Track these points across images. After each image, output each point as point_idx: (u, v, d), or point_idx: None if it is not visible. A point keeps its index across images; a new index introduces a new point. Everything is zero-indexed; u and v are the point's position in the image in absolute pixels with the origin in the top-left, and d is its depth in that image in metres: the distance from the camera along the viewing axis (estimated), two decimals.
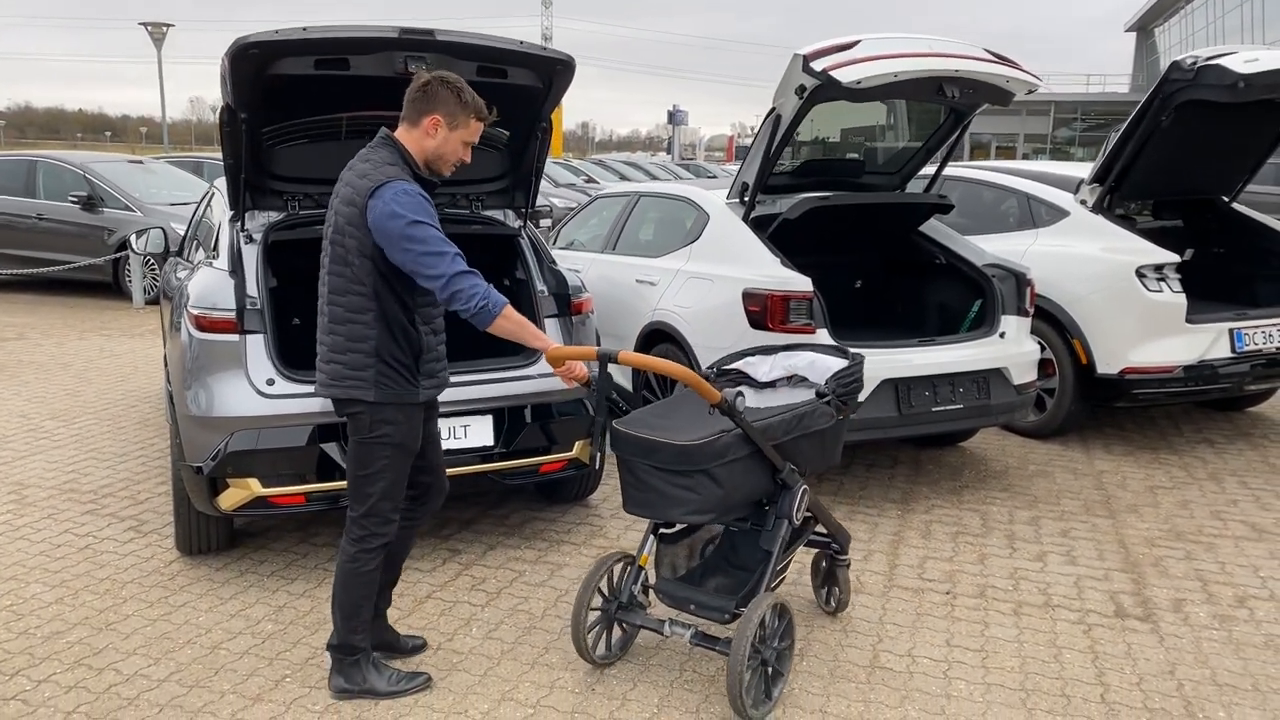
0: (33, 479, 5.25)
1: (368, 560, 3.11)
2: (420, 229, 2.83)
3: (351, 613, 3.13)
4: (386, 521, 3.12)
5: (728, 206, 5.31)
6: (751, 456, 3.15)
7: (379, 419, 3.01)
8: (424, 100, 2.98)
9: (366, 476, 3.07)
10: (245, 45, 3.54)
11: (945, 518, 4.81)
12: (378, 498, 3.08)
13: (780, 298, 4.67)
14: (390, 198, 2.83)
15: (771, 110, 4.80)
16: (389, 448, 3.05)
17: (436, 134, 2.99)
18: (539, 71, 4.08)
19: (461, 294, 2.85)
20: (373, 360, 2.97)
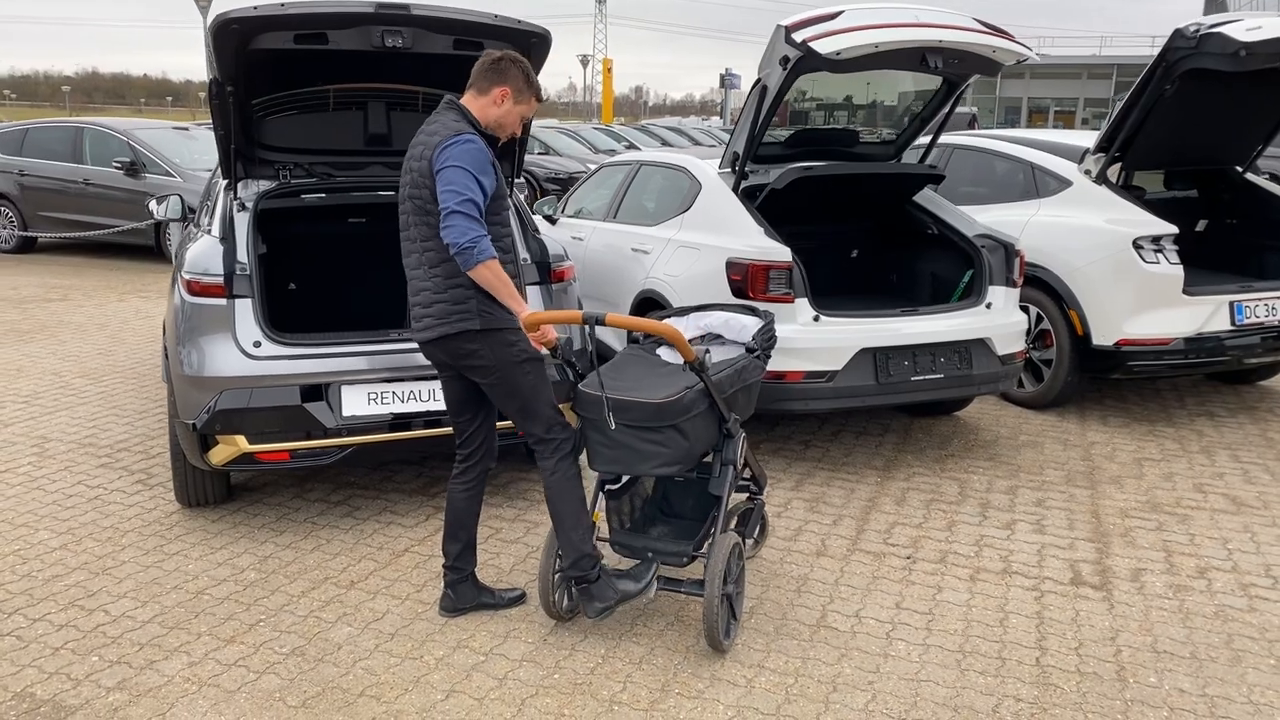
0: (56, 433, 5.55)
1: (568, 467, 3.30)
2: (461, 173, 3.06)
3: (574, 522, 3.28)
4: (564, 428, 3.33)
5: (720, 176, 5.38)
6: (709, 410, 3.28)
7: (498, 343, 3.19)
8: (496, 73, 3.22)
9: (524, 402, 3.26)
10: (226, 20, 3.69)
11: (924, 485, 4.88)
12: (547, 417, 3.29)
13: (760, 267, 4.74)
14: (456, 146, 3.09)
15: (758, 81, 4.85)
16: (526, 363, 3.24)
17: (503, 104, 3.24)
18: (515, 45, 4.17)
19: (455, 229, 3.03)
20: (472, 292, 3.17)
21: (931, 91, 5.44)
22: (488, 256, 3.08)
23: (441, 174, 3.08)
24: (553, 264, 4.54)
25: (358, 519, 4.40)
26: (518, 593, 3.64)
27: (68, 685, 3.10)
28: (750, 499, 3.99)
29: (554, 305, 4.53)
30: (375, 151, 4.65)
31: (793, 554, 4.10)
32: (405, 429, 4.16)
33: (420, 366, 4.14)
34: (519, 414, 3.32)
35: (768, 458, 5.25)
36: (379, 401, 4.13)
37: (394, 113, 4.56)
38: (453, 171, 3.07)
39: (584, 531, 3.31)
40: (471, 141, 3.12)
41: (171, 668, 3.20)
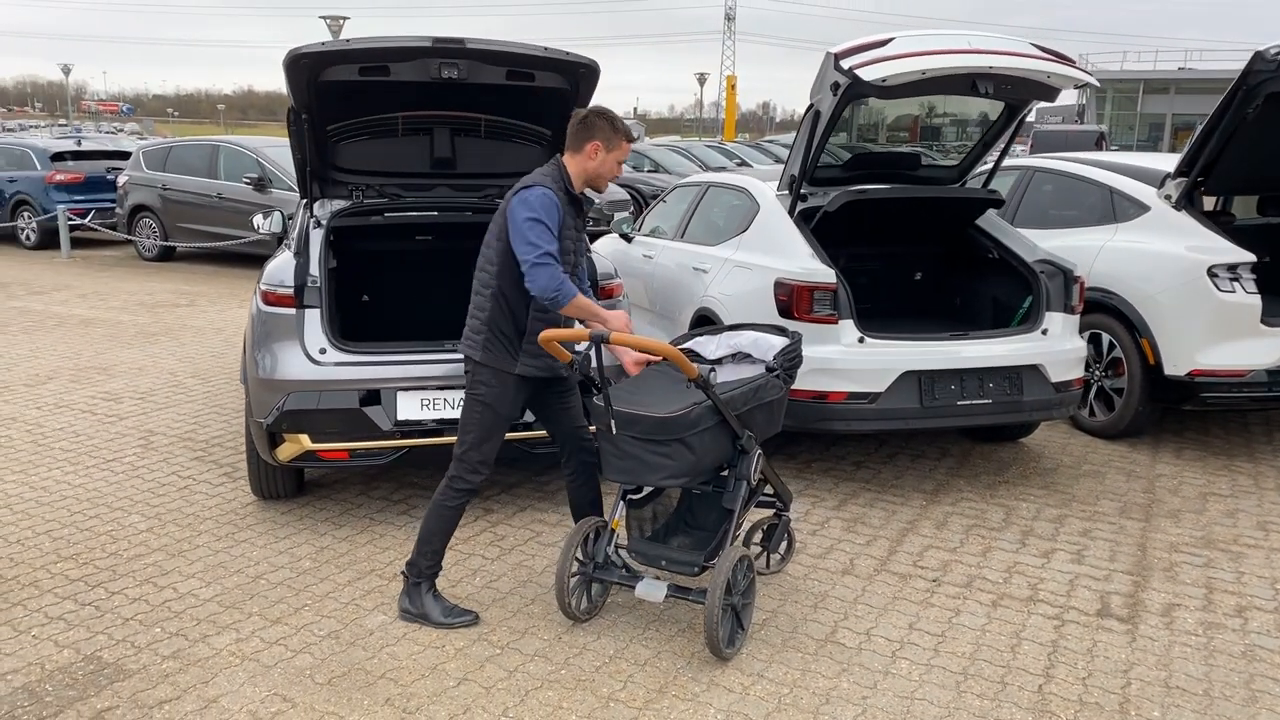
0: (162, 427, 6.08)
1: (452, 496, 3.63)
2: (536, 226, 3.36)
3: (425, 537, 3.65)
4: (473, 471, 3.62)
5: (778, 198, 5.49)
6: (718, 426, 3.43)
7: (477, 379, 3.56)
8: (585, 130, 3.51)
9: (464, 425, 3.62)
10: (297, 55, 4.06)
11: (969, 510, 4.87)
12: (467, 447, 3.59)
13: (805, 288, 4.84)
14: (528, 197, 3.40)
15: (810, 106, 4.96)
16: (480, 404, 3.58)
17: (597, 156, 3.52)
18: (565, 75, 4.42)
19: (537, 282, 3.36)
20: (484, 327, 3.53)
21: (997, 114, 5.42)
22: (572, 296, 3.40)
23: (516, 227, 3.38)
24: (600, 281, 4.75)
25: (412, 517, 4.69)
26: (470, 617, 3.74)
27: (130, 651, 3.46)
28: (776, 515, 4.10)
29: None
30: (441, 174, 4.97)
31: (818, 571, 4.17)
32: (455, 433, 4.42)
33: None
34: (459, 430, 3.64)
35: (817, 476, 5.32)
36: (431, 407, 4.41)
37: (458, 138, 4.87)
38: (526, 225, 3.37)
39: (430, 551, 3.65)
40: (543, 196, 3.39)
41: (221, 642, 3.53)
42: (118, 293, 11.30)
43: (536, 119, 4.82)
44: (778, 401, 3.74)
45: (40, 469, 5.31)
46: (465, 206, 5.03)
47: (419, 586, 3.70)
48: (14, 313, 9.94)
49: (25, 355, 8.03)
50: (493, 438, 3.63)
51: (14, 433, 5.95)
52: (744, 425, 3.53)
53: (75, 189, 15.00)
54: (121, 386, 7.00)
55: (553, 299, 3.38)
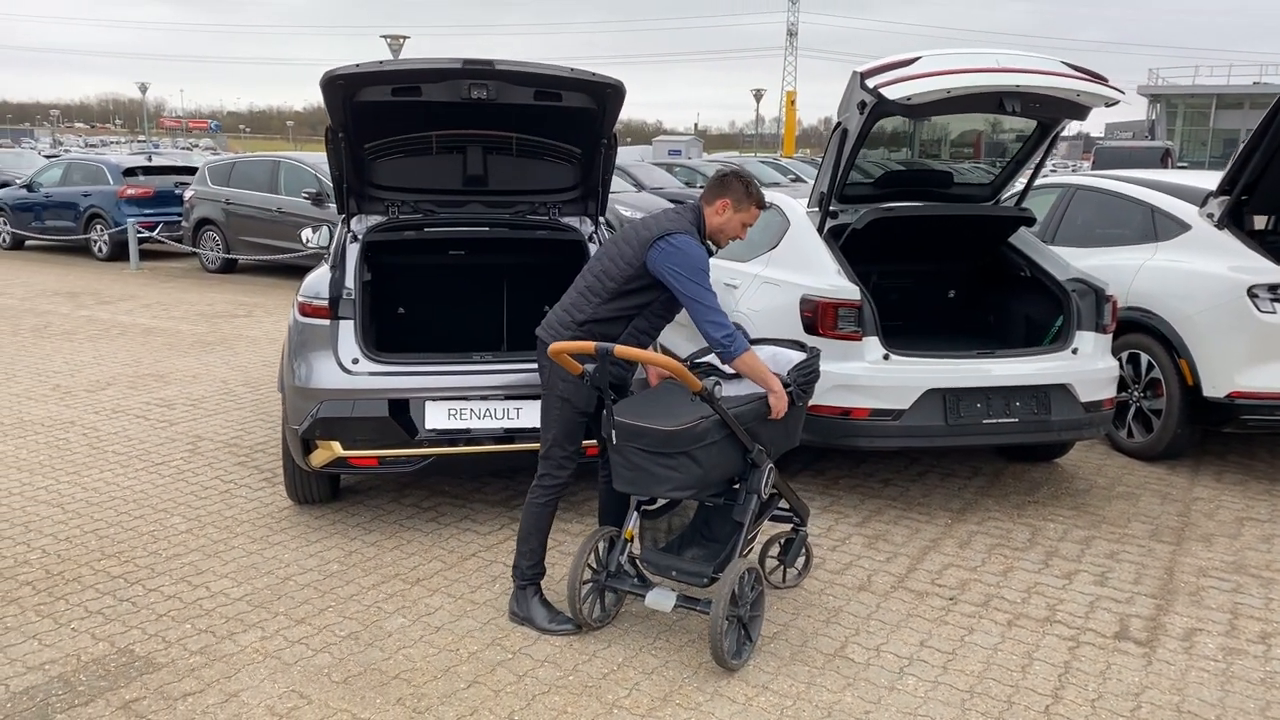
0: (210, 433, 6.31)
1: (541, 494, 3.75)
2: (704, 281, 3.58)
3: (522, 538, 3.79)
4: (560, 467, 3.74)
5: (808, 215, 5.53)
6: (726, 439, 3.48)
7: (555, 375, 3.67)
8: (720, 188, 3.73)
9: (545, 423, 3.75)
10: (332, 76, 4.22)
11: (994, 530, 4.84)
12: (550, 444, 3.73)
13: (829, 304, 4.86)
14: (688, 245, 3.57)
15: (838, 124, 4.99)
16: (559, 400, 3.70)
17: (724, 214, 3.72)
18: (592, 95, 4.53)
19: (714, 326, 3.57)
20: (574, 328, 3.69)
21: (1030, 132, 5.40)
22: (744, 348, 3.58)
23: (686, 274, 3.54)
24: None
25: (440, 524, 4.81)
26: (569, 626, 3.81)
27: (160, 646, 3.62)
28: (793, 529, 4.13)
29: None
30: (473, 191, 5.10)
31: (835, 586, 4.19)
32: (480, 443, 4.54)
33: (496, 387, 4.53)
34: (542, 428, 3.79)
35: (843, 493, 5.32)
36: (458, 417, 4.53)
37: (490, 156, 5.00)
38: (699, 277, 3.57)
39: (531, 550, 3.77)
40: (688, 244, 3.56)
41: (246, 639, 3.67)
42: (180, 303, 11.70)
43: (566, 137, 4.93)
44: (792, 415, 3.78)
45: (93, 471, 5.55)
46: (497, 222, 5.16)
47: (525, 590, 3.82)
48: (82, 321, 10.37)
49: (89, 362, 8.38)
50: (575, 433, 3.74)
51: (72, 436, 6.22)
52: (755, 439, 3.58)
53: (145, 203, 15.57)
54: (175, 393, 7.27)
55: (724, 349, 3.56)
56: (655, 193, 18.28)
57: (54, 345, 9.08)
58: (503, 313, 5.81)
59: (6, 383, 7.60)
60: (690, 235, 3.60)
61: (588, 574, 3.74)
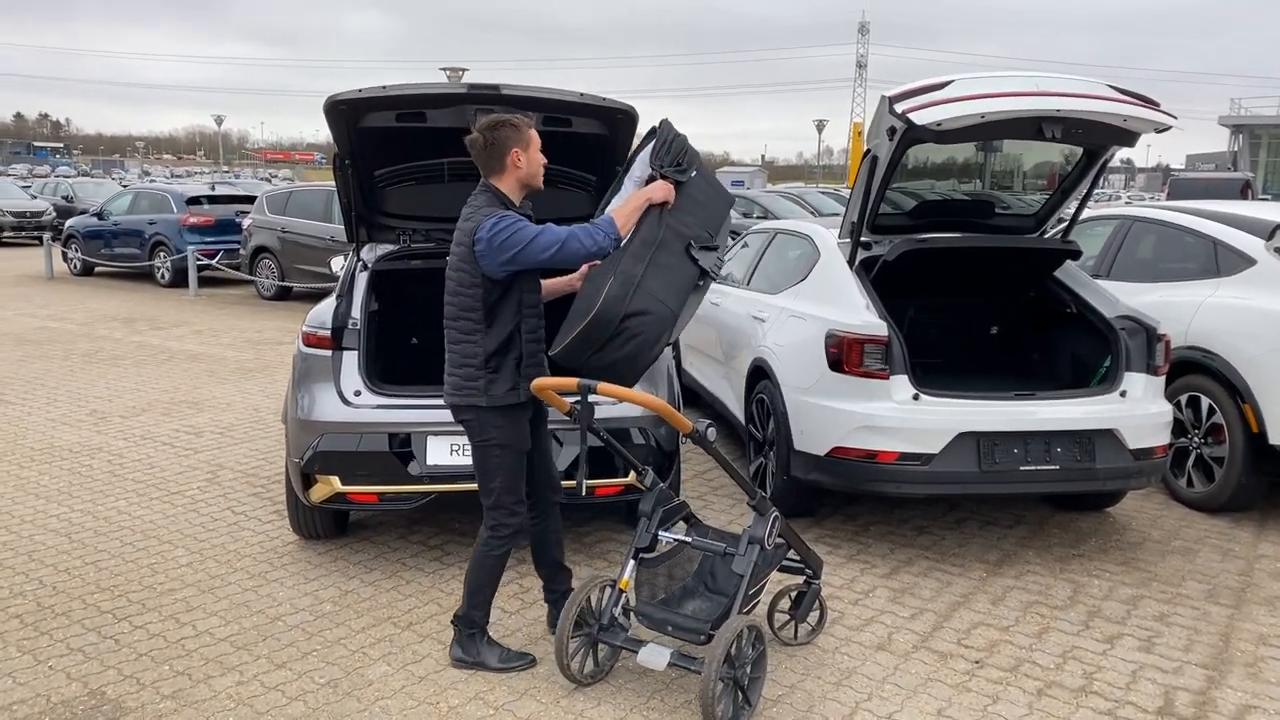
0: (231, 462, 6.24)
1: (496, 545, 3.58)
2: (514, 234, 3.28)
3: (475, 589, 3.61)
4: (512, 513, 3.56)
5: (839, 246, 5.28)
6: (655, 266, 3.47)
7: (487, 424, 3.48)
8: (497, 148, 3.40)
9: (486, 474, 3.55)
10: (335, 101, 4.12)
11: (1032, 585, 4.48)
12: (498, 493, 3.54)
13: (855, 341, 4.59)
14: (480, 232, 3.31)
15: (868, 152, 4.75)
16: (498, 449, 3.51)
17: (521, 162, 3.42)
18: (602, 120, 4.36)
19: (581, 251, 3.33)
20: (481, 373, 3.44)
21: (1076, 160, 5.08)
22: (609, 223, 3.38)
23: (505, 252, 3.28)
24: None
25: (443, 564, 4.63)
26: (526, 660, 3.69)
27: (134, 689, 3.48)
28: (806, 582, 3.86)
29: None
30: None
31: (851, 644, 3.89)
32: None
33: None
34: (479, 482, 3.58)
35: (872, 540, 5.01)
36: (461, 453, 4.35)
37: None
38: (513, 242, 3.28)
39: (480, 600, 3.61)
40: (501, 219, 3.31)
41: (222, 684, 3.52)
42: (230, 330, 11.83)
43: (580, 164, 4.77)
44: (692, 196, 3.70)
45: (109, 499, 5.50)
46: None
47: (474, 636, 3.64)
48: (132, 346, 10.52)
49: (130, 387, 8.45)
50: (519, 477, 3.57)
51: (96, 462, 6.21)
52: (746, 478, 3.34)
53: (206, 231, 15.89)
54: (206, 421, 7.26)
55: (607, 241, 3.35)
56: None
57: (100, 370, 9.19)
58: None
59: (46, 407, 7.68)
60: (493, 217, 3.30)
61: (579, 626, 3.51)
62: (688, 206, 3.62)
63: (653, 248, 3.46)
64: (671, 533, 3.61)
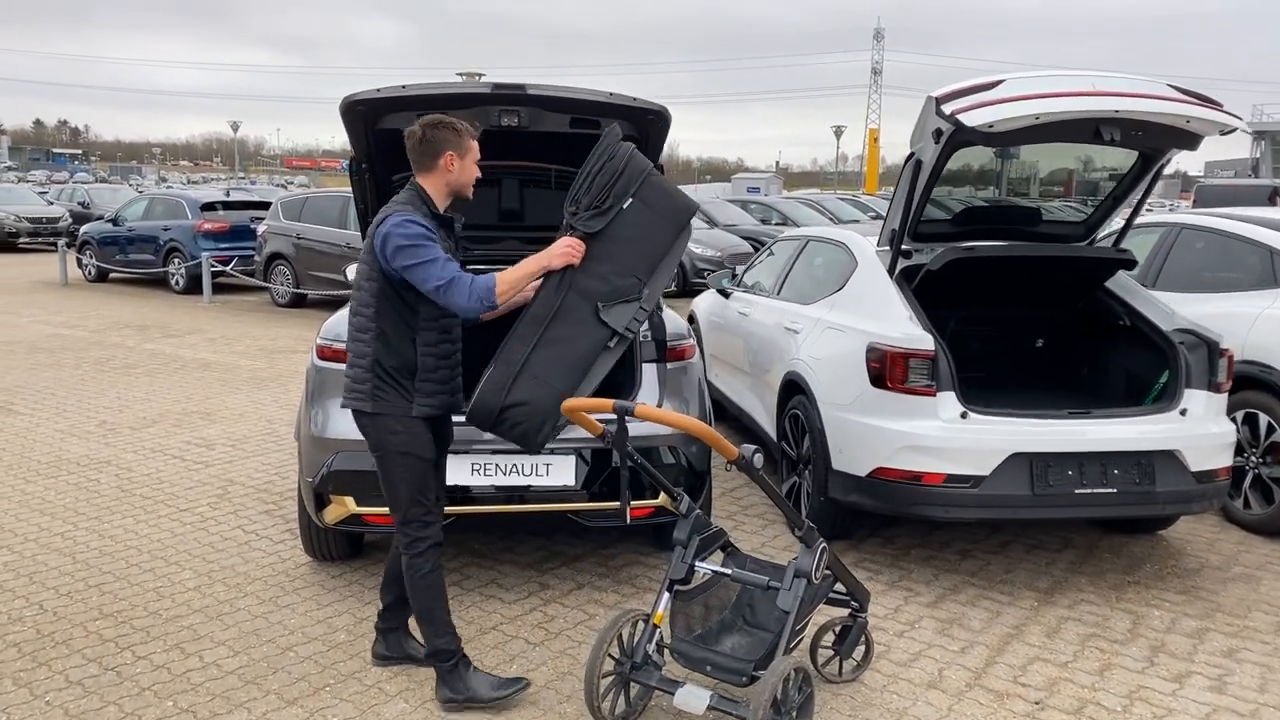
0: (243, 477, 6.03)
1: (422, 563, 3.36)
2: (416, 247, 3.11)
3: (426, 617, 3.38)
4: (424, 525, 3.36)
5: (878, 255, 5.03)
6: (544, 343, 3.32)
7: (384, 430, 3.29)
8: (432, 146, 3.27)
9: (391, 487, 3.36)
10: (352, 102, 3.90)
11: (1087, 616, 4.22)
12: (406, 506, 3.34)
13: (900, 355, 4.34)
14: (389, 229, 3.15)
15: (911, 155, 4.50)
16: (398, 455, 3.31)
17: (454, 167, 3.29)
18: (633, 122, 4.12)
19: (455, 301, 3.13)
20: (369, 375, 3.26)
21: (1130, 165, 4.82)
22: (489, 285, 3.15)
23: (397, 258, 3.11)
24: (670, 341, 4.39)
25: (463, 589, 4.40)
26: (521, 683, 3.48)
27: None
28: (852, 616, 3.60)
29: (669, 385, 4.36)
30: (509, 226, 4.73)
31: (899, 682, 3.63)
32: (506, 501, 4.13)
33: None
34: (387, 497, 3.37)
35: (914, 565, 4.75)
36: (482, 473, 4.12)
37: (527, 189, 4.64)
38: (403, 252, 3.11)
39: (438, 627, 3.36)
40: (401, 220, 3.14)
41: None
42: (244, 337, 11.65)
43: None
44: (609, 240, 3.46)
45: (115, 516, 5.30)
46: None
47: (455, 669, 3.40)
48: (145, 355, 10.34)
49: (141, 397, 8.26)
50: (428, 484, 3.38)
51: (104, 477, 6.01)
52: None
53: (221, 237, 15.75)
54: (218, 433, 7.05)
55: (479, 305, 3.15)
56: (729, 229, 17.85)
57: (111, 379, 9.02)
58: None
59: (55, 418, 7.49)
60: (403, 216, 3.16)
61: (610, 664, 3.27)
62: (608, 252, 3.36)
63: (543, 324, 3.28)
64: (709, 563, 3.36)
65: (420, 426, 3.38)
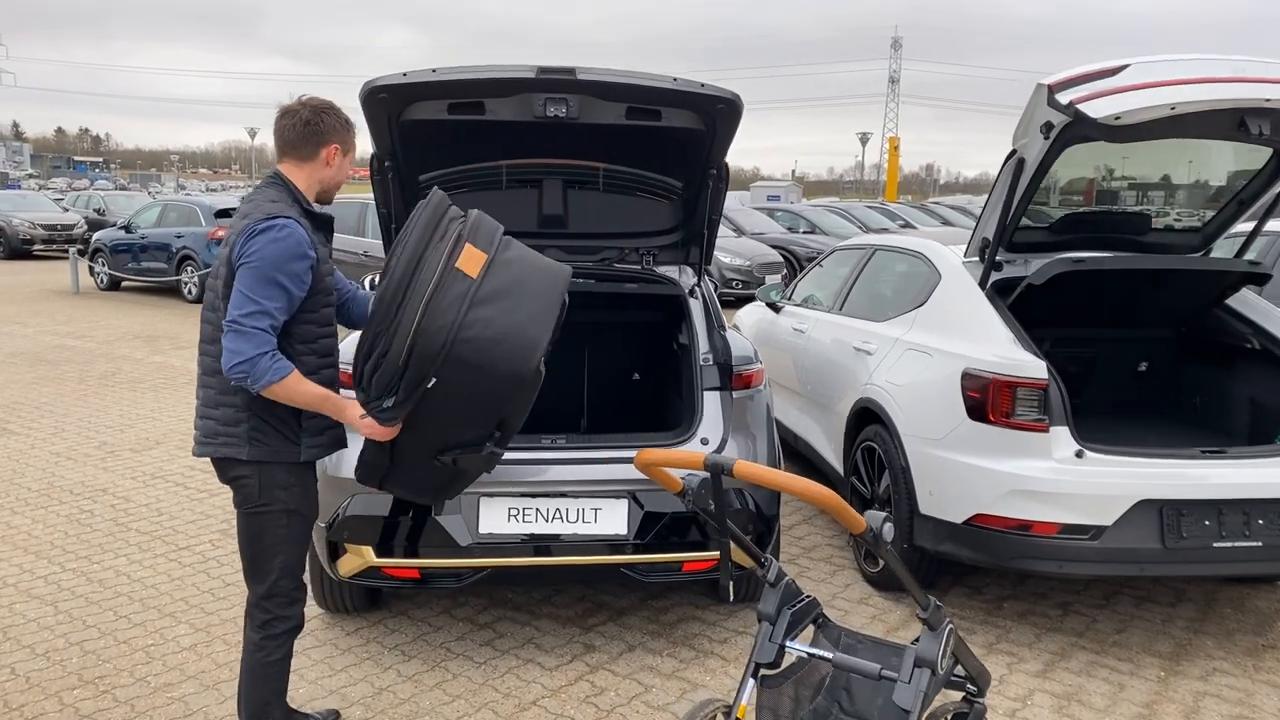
0: None
1: (275, 649, 2.82)
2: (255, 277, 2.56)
3: (259, 712, 2.83)
4: (292, 601, 2.84)
5: (965, 266, 4.43)
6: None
7: (267, 483, 2.73)
8: (318, 133, 2.76)
9: (263, 551, 2.79)
10: (374, 88, 3.35)
11: (1227, 690, 3.60)
12: (277, 574, 2.79)
13: (1005, 384, 3.74)
14: (262, 236, 2.58)
15: (1013, 153, 3.91)
16: (283, 514, 2.76)
17: (334, 162, 2.81)
18: (699, 112, 3.55)
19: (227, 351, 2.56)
20: (245, 415, 2.68)
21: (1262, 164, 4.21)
22: (276, 376, 2.56)
23: (239, 272, 2.59)
24: (736, 366, 3.80)
25: (496, 650, 3.82)
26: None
27: None
28: (967, 700, 3.00)
29: (735, 416, 3.77)
30: (550, 233, 4.17)
31: None
32: (548, 553, 3.55)
33: (570, 481, 3.55)
34: (249, 563, 2.81)
35: (1011, 622, 4.15)
36: (520, 519, 3.55)
37: (571, 191, 4.07)
38: (248, 272, 2.58)
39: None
40: (284, 228, 2.60)
41: None
42: None
43: (665, 167, 3.97)
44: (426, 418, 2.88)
45: (107, 555, 4.75)
46: (578, 273, 4.20)
47: None
48: (152, 368, 9.83)
49: (145, 415, 7.73)
50: (305, 552, 2.85)
51: (99, 507, 5.47)
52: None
53: None
54: None
55: (241, 379, 2.56)
56: (756, 238, 17.26)
57: (115, 395, 8.50)
58: (582, 385, 4.83)
59: (52, 439, 6.97)
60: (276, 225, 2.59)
61: None
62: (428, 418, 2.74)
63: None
64: (803, 644, 2.77)
65: (310, 477, 2.86)
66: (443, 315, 2.55)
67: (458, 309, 2.56)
